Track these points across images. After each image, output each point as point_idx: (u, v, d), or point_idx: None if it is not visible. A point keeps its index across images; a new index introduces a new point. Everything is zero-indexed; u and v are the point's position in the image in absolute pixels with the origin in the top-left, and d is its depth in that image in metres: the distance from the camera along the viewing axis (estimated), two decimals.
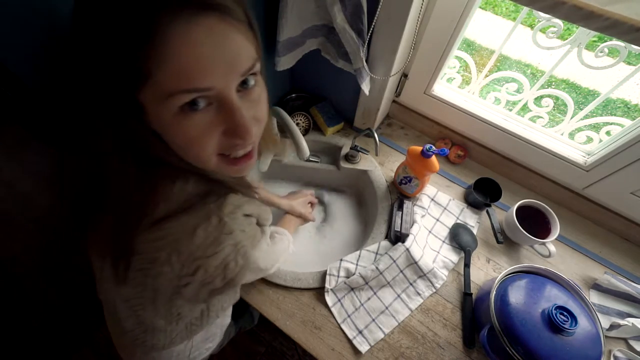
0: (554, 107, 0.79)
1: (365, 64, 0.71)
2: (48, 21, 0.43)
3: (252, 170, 0.89)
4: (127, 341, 0.57)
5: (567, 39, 0.65)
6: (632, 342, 0.68)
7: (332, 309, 0.69)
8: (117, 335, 0.61)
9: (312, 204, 0.90)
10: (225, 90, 0.31)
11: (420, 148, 0.76)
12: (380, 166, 0.92)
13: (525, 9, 0.66)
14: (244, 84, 0.33)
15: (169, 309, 0.48)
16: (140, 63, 0.27)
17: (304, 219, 0.87)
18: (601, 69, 0.65)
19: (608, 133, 0.75)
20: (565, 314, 0.57)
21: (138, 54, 0.27)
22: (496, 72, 0.83)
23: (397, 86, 0.92)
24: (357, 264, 0.75)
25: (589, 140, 0.79)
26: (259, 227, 0.50)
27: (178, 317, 0.51)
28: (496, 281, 0.65)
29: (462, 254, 0.78)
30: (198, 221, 0.37)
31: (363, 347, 0.65)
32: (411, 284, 0.73)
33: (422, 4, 0.65)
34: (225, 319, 0.76)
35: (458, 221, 0.83)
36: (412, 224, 0.78)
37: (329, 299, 0.70)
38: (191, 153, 0.34)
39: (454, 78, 0.89)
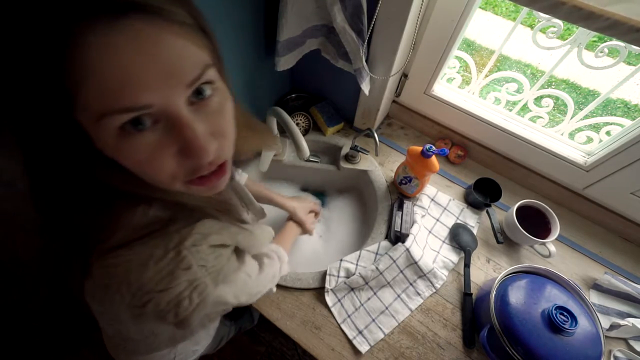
0: (554, 107, 0.79)
1: (365, 64, 0.71)
2: None
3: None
4: (112, 345, 0.57)
5: (567, 39, 0.65)
6: (632, 342, 0.68)
7: (332, 309, 0.69)
8: (106, 340, 0.62)
9: (315, 214, 0.87)
10: (169, 105, 0.26)
11: (420, 148, 0.76)
12: (380, 166, 0.92)
13: (525, 9, 0.66)
14: (198, 94, 0.28)
15: (141, 329, 0.46)
16: (61, 81, 0.23)
17: (303, 229, 0.81)
18: (601, 69, 0.65)
19: (608, 133, 0.75)
20: (565, 314, 0.57)
21: (56, 70, 0.23)
22: (496, 72, 0.83)
23: (397, 86, 0.92)
24: (357, 264, 0.75)
25: (589, 140, 0.79)
26: (235, 256, 0.45)
27: (153, 335, 0.50)
28: (496, 281, 0.65)
29: (462, 254, 0.78)
30: (152, 252, 0.33)
31: (363, 347, 0.65)
32: (411, 284, 0.73)
33: (422, 4, 0.65)
34: (211, 325, 0.75)
35: (458, 221, 0.83)
36: (412, 224, 0.78)
37: (329, 299, 0.70)
38: (148, 176, 0.30)
39: (454, 78, 0.89)
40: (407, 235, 0.75)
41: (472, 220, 0.83)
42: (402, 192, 0.86)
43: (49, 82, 0.23)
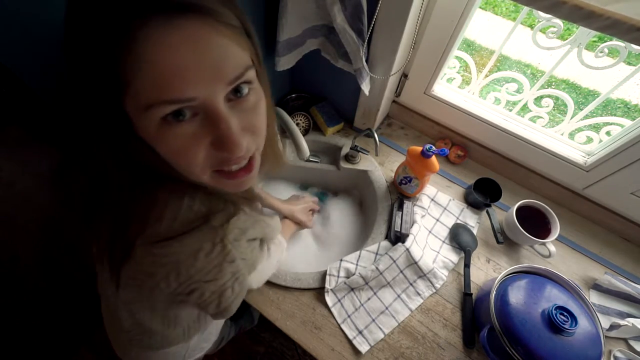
0: (554, 107, 0.79)
1: (365, 64, 0.71)
2: (51, 31, 0.43)
3: (250, 185, 0.89)
4: (124, 339, 0.57)
5: (567, 39, 0.65)
6: (632, 342, 0.68)
7: (332, 309, 0.69)
8: (114, 332, 0.62)
9: (313, 211, 0.90)
10: (210, 100, 0.28)
11: (420, 148, 0.76)
12: (380, 166, 0.92)
13: (525, 9, 0.66)
14: (236, 92, 0.31)
15: (166, 314, 0.48)
16: (117, 70, 0.25)
17: (302, 226, 0.86)
18: (601, 69, 0.65)
19: (608, 133, 0.75)
20: (565, 314, 0.57)
21: (115, 59, 0.25)
22: (496, 72, 0.83)
23: (397, 86, 0.92)
24: (357, 264, 0.75)
25: (589, 140, 0.79)
26: (261, 249, 0.49)
27: (175, 320, 0.51)
28: (496, 281, 0.65)
29: (462, 254, 0.78)
30: (201, 245, 0.36)
31: (363, 348, 0.65)
32: (411, 284, 0.73)
33: (422, 4, 0.65)
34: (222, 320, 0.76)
35: (458, 221, 0.83)
36: (412, 224, 0.77)
37: (329, 299, 0.70)
38: (179, 165, 0.32)
39: (454, 78, 0.89)
40: (407, 235, 0.75)
41: (472, 220, 0.83)
42: (402, 192, 0.86)
43: (107, 69, 0.26)
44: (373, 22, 0.66)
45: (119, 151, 0.33)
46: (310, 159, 0.94)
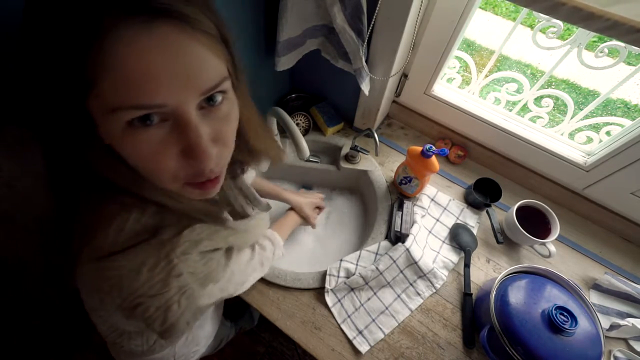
0: (554, 107, 0.79)
1: (365, 64, 0.71)
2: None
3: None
4: (109, 346, 0.57)
5: (567, 39, 0.65)
6: (632, 342, 0.68)
7: (332, 309, 0.69)
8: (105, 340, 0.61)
9: (319, 209, 0.88)
10: (181, 108, 0.27)
11: (420, 148, 0.76)
12: (380, 166, 0.92)
13: (525, 10, 0.66)
14: (209, 100, 0.30)
15: (134, 322, 0.47)
16: (84, 67, 0.24)
17: (306, 221, 0.84)
18: (601, 69, 0.65)
19: (608, 133, 0.75)
20: (565, 314, 0.57)
21: (82, 56, 0.24)
22: (496, 72, 0.83)
23: (397, 86, 0.92)
24: (357, 264, 0.75)
25: (589, 140, 0.79)
26: (224, 257, 0.46)
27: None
28: (496, 281, 0.65)
29: (462, 254, 0.78)
30: (145, 260, 0.34)
31: (363, 348, 0.65)
32: (411, 284, 0.73)
33: (422, 4, 0.65)
34: (207, 323, 0.74)
35: (458, 221, 0.83)
36: (412, 224, 0.78)
37: (329, 299, 0.70)
38: (151, 172, 0.31)
39: (454, 78, 0.89)
40: (407, 235, 0.75)
41: (472, 220, 0.83)
42: (402, 192, 0.86)
43: (72, 65, 0.24)
44: (373, 22, 0.66)
45: (77, 155, 0.31)
46: (310, 159, 0.94)
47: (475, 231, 0.81)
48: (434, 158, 0.76)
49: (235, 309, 0.91)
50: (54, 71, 0.25)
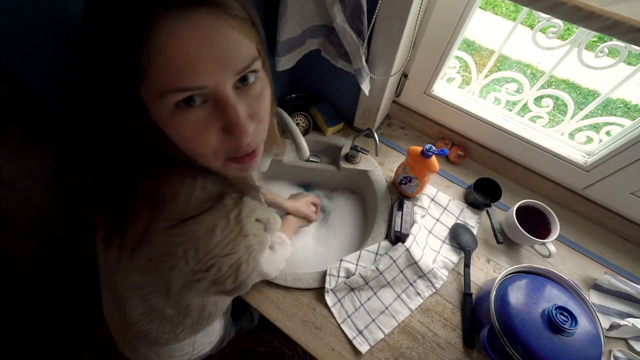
0: (554, 107, 0.79)
1: (365, 64, 0.71)
2: (60, 30, 0.43)
3: (254, 171, 0.89)
4: (131, 334, 0.56)
5: (567, 39, 0.65)
6: (632, 342, 0.68)
7: (332, 309, 0.69)
8: (120, 329, 0.61)
9: (315, 205, 0.91)
10: (219, 88, 0.30)
11: (420, 148, 0.76)
12: (380, 166, 0.92)
13: (525, 9, 0.66)
14: (243, 80, 0.32)
15: (179, 300, 0.48)
16: (135, 58, 0.27)
17: (308, 220, 0.87)
18: (601, 69, 0.65)
19: (608, 133, 0.75)
20: (565, 314, 0.57)
21: (133, 48, 0.27)
22: (496, 72, 0.83)
23: (397, 86, 0.92)
24: (357, 264, 0.75)
25: (589, 140, 0.79)
26: (266, 234, 0.50)
27: (187, 309, 0.51)
28: (496, 281, 0.65)
29: (462, 254, 0.78)
30: (217, 222, 0.37)
31: (363, 348, 0.65)
32: (411, 284, 0.73)
33: (422, 4, 0.65)
34: (224, 313, 0.76)
35: (458, 221, 0.83)
36: (412, 224, 0.77)
37: (329, 299, 0.70)
38: (192, 151, 0.34)
39: (454, 78, 0.89)
40: (407, 235, 0.75)
41: (472, 220, 0.83)
42: (402, 192, 0.86)
43: (127, 56, 0.28)
44: (373, 22, 0.65)
45: (135, 136, 0.35)
46: (310, 159, 0.94)
47: (475, 231, 0.81)
48: (434, 158, 0.76)
49: (235, 309, 0.91)
50: (112, 64, 0.29)
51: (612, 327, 0.67)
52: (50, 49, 0.45)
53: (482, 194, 0.86)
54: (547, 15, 0.58)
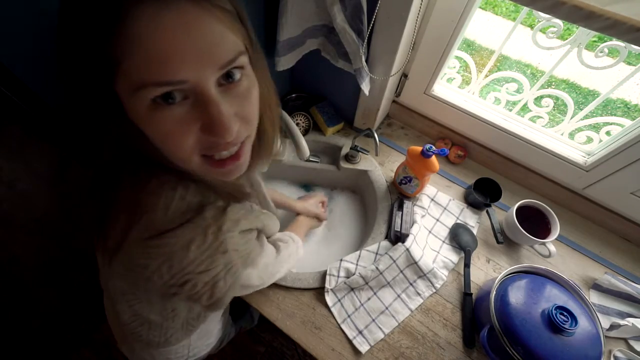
0: (554, 107, 0.79)
1: (365, 64, 0.71)
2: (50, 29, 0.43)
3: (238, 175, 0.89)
4: (126, 334, 0.57)
5: (567, 39, 0.65)
6: (632, 342, 0.68)
7: (332, 309, 0.69)
8: (116, 326, 0.61)
9: (323, 204, 0.91)
10: (200, 83, 0.28)
11: (420, 148, 0.76)
12: (380, 166, 0.92)
13: (525, 9, 0.66)
14: (228, 77, 0.30)
15: (164, 305, 0.48)
16: (109, 47, 0.25)
17: (319, 219, 0.87)
18: (601, 69, 0.65)
19: (608, 133, 0.75)
20: (565, 314, 0.57)
21: (107, 38, 0.25)
22: (496, 72, 0.83)
23: (397, 86, 0.92)
24: (357, 264, 0.75)
25: (589, 140, 0.79)
26: (258, 242, 0.48)
27: (173, 313, 0.51)
28: (496, 281, 0.65)
29: (462, 254, 0.78)
30: (194, 236, 0.35)
31: (363, 347, 0.65)
32: (411, 284, 0.73)
33: (422, 4, 0.65)
34: (221, 317, 0.76)
35: (458, 221, 0.83)
36: (412, 224, 0.77)
37: (329, 299, 0.70)
38: (169, 150, 0.32)
39: (454, 78, 0.89)
40: (407, 235, 0.75)
41: (472, 220, 0.83)
42: (402, 192, 0.86)
43: (99, 46, 0.25)
44: (373, 22, 0.65)
45: (111, 134, 0.33)
46: (310, 159, 0.94)
47: (475, 231, 0.81)
48: (434, 158, 0.76)
49: (235, 309, 0.91)
50: (84, 54, 0.27)
51: (612, 327, 0.67)
52: (49, 49, 0.45)
53: (482, 194, 0.86)
54: (547, 15, 0.58)
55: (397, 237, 0.77)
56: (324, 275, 0.72)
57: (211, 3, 0.27)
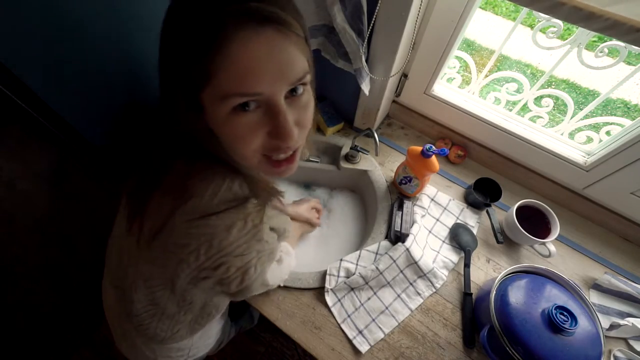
0: (554, 107, 0.79)
1: (365, 64, 0.71)
2: (51, 29, 0.44)
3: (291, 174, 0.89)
4: (130, 328, 0.57)
5: (567, 39, 0.65)
6: (632, 342, 0.68)
7: (332, 309, 0.69)
8: (120, 323, 0.61)
9: (317, 211, 0.90)
10: (274, 96, 0.33)
11: (420, 148, 0.76)
12: (380, 166, 0.92)
13: (525, 9, 0.66)
14: (293, 91, 0.36)
15: (184, 296, 0.49)
16: (206, 64, 0.31)
17: (311, 224, 0.87)
18: (601, 69, 0.65)
19: (608, 133, 0.75)
20: (565, 314, 0.57)
21: (206, 55, 0.30)
22: (496, 72, 0.83)
23: (397, 86, 0.92)
24: (357, 264, 0.75)
25: (589, 140, 0.79)
26: (277, 244, 0.52)
27: (189, 306, 0.52)
28: (496, 281, 0.65)
29: (462, 254, 0.78)
30: (236, 221, 0.39)
31: (363, 347, 0.65)
32: (411, 284, 0.73)
33: (421, 4, 0.65)
34: (221, 316, 0.76)
35: (458, 221, 0.83)
36: (412, 224, 0.78)
37: (329, 299, 0.70)
38: (237, 149, 0.37)
39: (454, 78, 0.89)
40: (407, 235, 0.75)
41: (472, 220, 0.83)
42: (402, 192, 0.86)
43: (199, 61, 0.31)
44: (373, 22, 0.66)
45: (183, 131, 0.39)
46: (310, 159, 0.94)
47: (475, 231, 0.81)
48: (434, 158, 0.76)
49: (235, 309, 0.91)
50: (185, 68, 0.33)
51: (612, 326, 0.67)
52: (53, 50, 0.45)
53: (482, 194, 0.86)
54: (547, 16, 0.58)
55: (397, 237, 0.77)
56: (323, 275, 0.72)
57: (290, 30, 0.32)
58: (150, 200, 0.40)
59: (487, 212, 0.81)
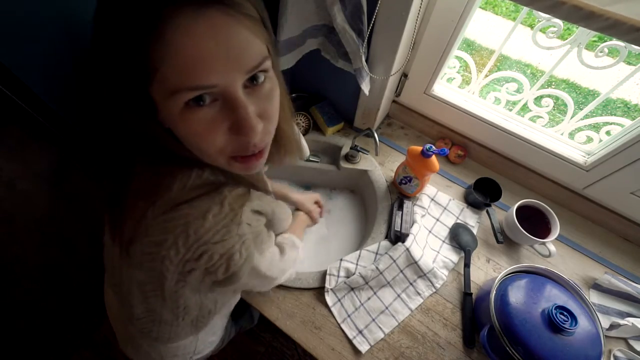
0: (554, 107, 0.79)
1: (365, 63, 0.71)
2: (50, 29, 0.44)
3: (258, 170, 0.89)
4: (134, 331, 0.56)
5: (567, 38, 0.65)
6: (632, 342, 0.68)
7: (332, 309, 0.69)
8: (123, 326, 0.61)
9: (319, 206, 0.90)
10: (229, 87, 0.30)
11: (420, 148, 0.76)
12: (380, 166, 0.92)
13: (525, 9, 0.66)
14: (252, 80, 0.32)
15: (177, 301, 0.48)
16: (147, 57, 0.27)
17: (311, 219, 0.86)
18: (601, 69, 0.65)
19: (608, 133, 0.75)
20: (565, 313, 0.57)
21: (145, 47, 0.27)
22: (496, 72, 0.83)
23: (397, 86, 0.92)
24: (357, 264, 0.75)
25: (589, 140, 0.79)
26: (266, 229, 0.50)
27: (185, 310, 0.51)
28: (496, 281, 0.65)
29: (462, 254, 0.78)
30: (210, 206, 0.37)
31: (363, 347, 0.65)
32: (411, 284, 0.73)
33: (421, 4, 0.65)
34: (226, 310, 0.76)
35: (458, 221, 0.83)
36: (412, 224, 0.78)
37: (329, 298, 0.70)
38: (200, 149, 0.34)
39: (454, 78, 0.89)
40: (407, 235, 0.75)
41: (472, 220, 0.83)
42: (402, 192, 0.86)
43: (138, 55, 0.28)
44: (373, 22, 0.65)
45: (139, 133, 0.36)
46: (310, 159, 0.94)
47: (475, 231, 0.81)
48: (434, 158, 0.76)
49: (235, 309, 0.91)
50: (123, 63, 0.29)
51: (612, 326, 0.67)
52: (53, 50, 0.45)
53: (482, 194, 0.86)
54: (547, 15, 0.58)
55: (397, 237, 0.77)
56: (323, 275, 0.72)
57: (239, 11, 0.29)
58: (125, 207, 0.38)
59: (487, 212, 0.81)
